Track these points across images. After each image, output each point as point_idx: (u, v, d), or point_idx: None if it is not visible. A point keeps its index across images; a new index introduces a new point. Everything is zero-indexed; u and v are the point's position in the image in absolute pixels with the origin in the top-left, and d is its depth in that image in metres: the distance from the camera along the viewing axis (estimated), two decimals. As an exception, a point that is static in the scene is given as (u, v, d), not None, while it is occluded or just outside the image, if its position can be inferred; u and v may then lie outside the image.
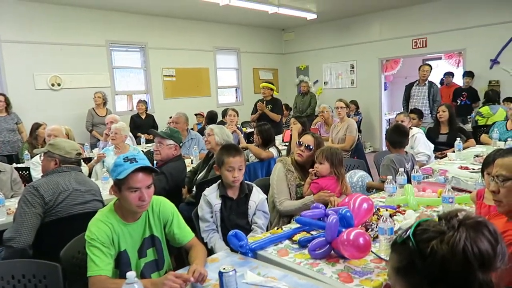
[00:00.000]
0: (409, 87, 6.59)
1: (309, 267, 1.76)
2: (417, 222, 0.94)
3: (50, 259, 1.84)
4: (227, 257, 1.94)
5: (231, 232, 1.95)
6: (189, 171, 3.69)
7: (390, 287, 0.99)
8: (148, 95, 7.96)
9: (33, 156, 4.01)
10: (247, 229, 2.39)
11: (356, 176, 3.46)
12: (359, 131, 7.06)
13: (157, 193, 1.98)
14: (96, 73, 7.12)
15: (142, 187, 1.77)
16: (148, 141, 6.04)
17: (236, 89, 9.72)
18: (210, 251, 2.20)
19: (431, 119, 5.99)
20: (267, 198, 2.64)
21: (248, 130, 6.69)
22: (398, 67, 9.48)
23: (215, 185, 2.49)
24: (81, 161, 2.77)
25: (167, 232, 1.97)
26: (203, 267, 1.72)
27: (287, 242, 2.05)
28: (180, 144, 3.44)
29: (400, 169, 2.85)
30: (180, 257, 2.24)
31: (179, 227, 1.98)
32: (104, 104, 6.60)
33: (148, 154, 3.90)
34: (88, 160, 4.30)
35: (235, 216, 2.41)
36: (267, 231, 2.31)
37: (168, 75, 8.17)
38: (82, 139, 6.12)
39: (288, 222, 2.61)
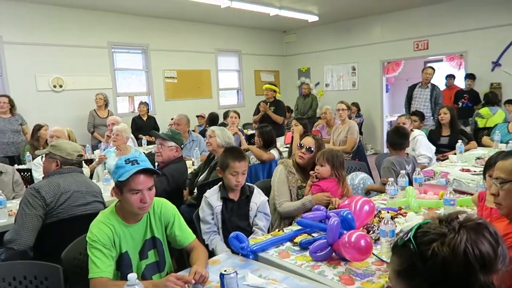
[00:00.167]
0: (412, 89, 6.60)
1: (310, 269, 1.76)
2: (418, 225, 0.94)
3: (51, 261, 1.84)
4: (228, 259, 1.94)
5: (232, 234, 1.95)
6: (190, 173, 3.69)
7: (391, 290, 0.98)
8: (150, 97, 7.97)
9: (35, 158, 4.02)
10: (248, 231, 2.39)
11: (358, 178, 3.47)
12: (361, 133, 7.05)
13: (158, 195, 1.98)
14: (98, 75, 7.13)
15: (144, 189, 1.77)
16: (150, 143, 6.04)
17: (238, 91, 9.73)
18: (211, 253, 2.20)
19: (433, 122, 5.99)
20: (269, 200, 2.64)
21: (250, 132, 6.69)
22: (400, 69, 9.49)
23: (216, 187, 2.48)
24: (82, 163, 2.77)
25: (168, 234, 1.97)
26: (204, 269, 1.72)
27: (288, 244, 2.05)
28: (182, 146, 3.45)
29: (402, 171, 2.85)
30: (181, 259, 2.23)
31: (180, 229, 1.98)
32: (106, 106, 6.61)
33: (150, 156, 3.90)
34: (90, 162, 4.30)
35: (236, 218, 2.41)
36: (268, 233, 2.31)
37: (170, 77, 8.17)
38: (84, 141, 6.13)
39: (290, 224, 2.61)
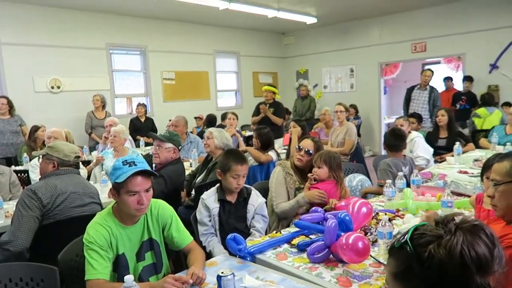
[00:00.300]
0: (410, 90, 6.61)
1: (308, 271, 1.75)
2: (414, 227, 0.94)
3: (48, 262, 1.83)
4: (226, 261, 1.93)
5: (230, 236, 1.95)
6: (188, 174, 3.69)
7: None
8: (148, 98, 7.96)
9: (32, 159, 4.01)
10: (246, 233, 2.38)
11: (356, 180, 3.47)
12: (359, 135, 7.06)
13: (156, 196, 1.98)
14: (96, 76, 7.12)
15: (141, 191, 1.76)
16: (147, 144, 6.04)
17: (236, 93, 9.73)
18: (209, 255, 2.20)
19: (431, 124, 6.00)
20: (266, 202, 2.63)
21: (248, 134, 6.69)
22: (398, 71, 9.50)
23: (214, 189, 2.48)
24: (80, 164, 2.76)
25: (166, 236, 1.97)
26: (202, 271, 1.71)
27: (286, 246, 2.04)
28: (179, 147, 3.44)
29: (399, 173, 2.85)
30: (179, 261, 2.23)
31: (178, 231, 1.97)
32: (103, 107, 6.61)
33: (147, 157, 3.90)
34: (87, 163, 4.30)
35: (234, 220, 2.40)
36: (266, 235, 2.30)
37: (168, 78, 8.17)
38: (81, 142, 6.12)
39: (287, 226, 2.61)
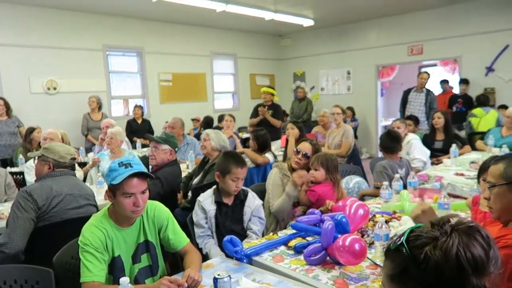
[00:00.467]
0: (407, 93, 6.63)
1: (305, 273, 1.75)
2: (410, 228, 0.94)
3: (43, 264, 1.82)
4: (222, 263, 1.93)
5: (226, 238, 1.94)
6: (185, 176, 3.68)
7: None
8: (144, 100, 7.95)
9: (27, 160, 3.99)
10: (243, 235, 2.37)
11: (353, 182, 3.48)
12: (355, 137, 7.06)
13: (152, 198, 1.97)
14: (92, 78, 7.10)
15: (137, 193, 1.75)
16: (144, 146, 6.03)
17: (233, 95, 9.73)
18: (205, 257, 2.19)
19: (427, 126, 6.02)
20: (263, 204, 2.63)
21: (245, 136, 6.69)
22: (394, 74, 9.54)
23: (210, 191, 2.47)
24: (75, 165, 2.75)
25: (162, 237, 1.96)
26: (198, 273, 1.70)
27: (283, 248, 2.04)
28: (176, 149, 3.43)
29: (396, 175, 2.86)
30: (175, 263, 2.22)
31: (174, 232, 1.96)
32: (99, 109, 6.59)
33: (144, 159, 3.89)
34: (83, 165, 4.28)
35: (230, 222, 2.40)
36: (263, 237, 2.30)
37: (165, 80, 8.16)
38: (77, 143, 6.09)
39: (284, 228, 2.61)
